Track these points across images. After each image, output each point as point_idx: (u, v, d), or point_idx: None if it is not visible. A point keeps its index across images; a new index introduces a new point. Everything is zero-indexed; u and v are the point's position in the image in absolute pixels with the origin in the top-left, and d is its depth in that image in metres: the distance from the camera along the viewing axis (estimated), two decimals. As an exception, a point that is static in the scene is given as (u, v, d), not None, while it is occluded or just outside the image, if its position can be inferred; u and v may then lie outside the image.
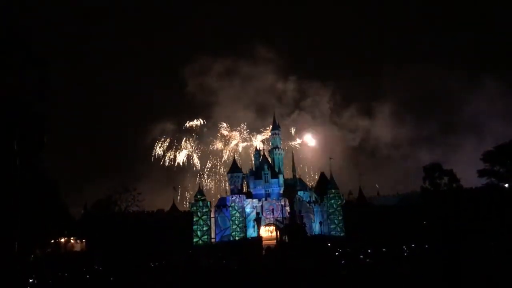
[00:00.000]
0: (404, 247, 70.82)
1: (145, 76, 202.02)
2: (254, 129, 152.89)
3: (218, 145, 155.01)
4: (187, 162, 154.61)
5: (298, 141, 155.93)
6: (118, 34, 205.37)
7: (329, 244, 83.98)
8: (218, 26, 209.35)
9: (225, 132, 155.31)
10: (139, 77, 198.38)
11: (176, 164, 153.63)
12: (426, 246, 64.65)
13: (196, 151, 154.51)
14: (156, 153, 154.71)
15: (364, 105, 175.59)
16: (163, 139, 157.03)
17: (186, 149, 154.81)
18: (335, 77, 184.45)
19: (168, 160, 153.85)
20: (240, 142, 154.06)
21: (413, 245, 70.59)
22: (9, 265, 27.66)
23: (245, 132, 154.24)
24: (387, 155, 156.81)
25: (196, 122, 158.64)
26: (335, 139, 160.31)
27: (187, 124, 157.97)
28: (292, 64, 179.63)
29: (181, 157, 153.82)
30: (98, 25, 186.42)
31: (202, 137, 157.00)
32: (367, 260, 65.20)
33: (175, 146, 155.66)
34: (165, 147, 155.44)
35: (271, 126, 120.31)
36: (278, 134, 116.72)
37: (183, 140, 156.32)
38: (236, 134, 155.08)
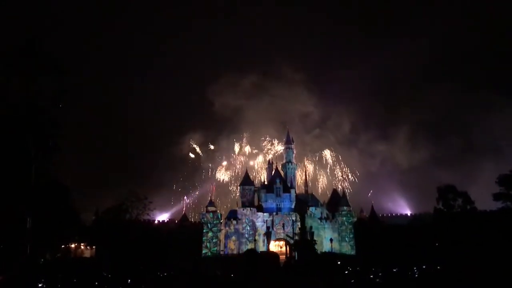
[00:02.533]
0: (415, 268, 69.75)
1: (171, 91, 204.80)
2: (271, 144, 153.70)
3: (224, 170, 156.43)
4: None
5: (313, 158, 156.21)
6: (145, 48, 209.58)
7: (339, 262, 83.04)
8: (244, 45, 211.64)
9: (246, 150, 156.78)
10: (165, 91, 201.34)
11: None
12: (438, 267, 63.61)
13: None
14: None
15: (382, 128, 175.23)
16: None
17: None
18: (355, 100, 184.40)
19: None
20: (257, 157, 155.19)
21: (424, 267, 69.49)
22: (20, 268, 27.88)
23: (264, 146, 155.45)
24: (403, 176, 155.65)
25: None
26: (353, 161, 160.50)
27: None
28: (316, 85, 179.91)
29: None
30: (126, 40, 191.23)
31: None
32: (377, 280, 64.29)
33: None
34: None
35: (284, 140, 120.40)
36: (292, 148, 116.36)
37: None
38: (256, 152, 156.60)
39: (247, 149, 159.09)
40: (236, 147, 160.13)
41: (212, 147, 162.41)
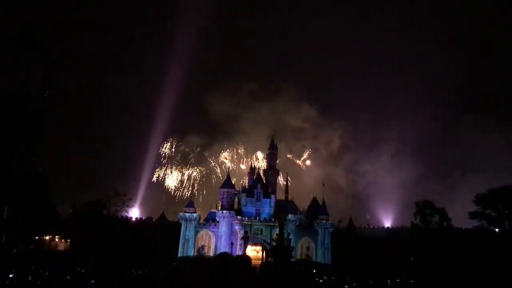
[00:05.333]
0: (388, 281, 70.52)
1: (166, 92, 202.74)
2: (257, 150, 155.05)
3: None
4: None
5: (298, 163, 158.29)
6: (142, 47, 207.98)
7: (314, 271, 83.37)
8: (241, 57, 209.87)
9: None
10: (160, 92, 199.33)
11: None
12: (411, 281, 64.41)
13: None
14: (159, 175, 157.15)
15: (369, 147, 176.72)
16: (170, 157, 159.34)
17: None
18: (345, 118, 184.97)
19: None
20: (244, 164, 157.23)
21: (398, 280, 70.29)
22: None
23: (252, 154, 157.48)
24: (386, 191, 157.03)
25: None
26: (338, 177, 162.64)
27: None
28: (313, 100, 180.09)
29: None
30: (123, 39, 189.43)
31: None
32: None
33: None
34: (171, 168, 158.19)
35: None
36: (275, 154, 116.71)
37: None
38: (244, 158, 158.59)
39: (235, 155, 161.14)
40: (226, 154, 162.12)
41: (196, 149, 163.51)
